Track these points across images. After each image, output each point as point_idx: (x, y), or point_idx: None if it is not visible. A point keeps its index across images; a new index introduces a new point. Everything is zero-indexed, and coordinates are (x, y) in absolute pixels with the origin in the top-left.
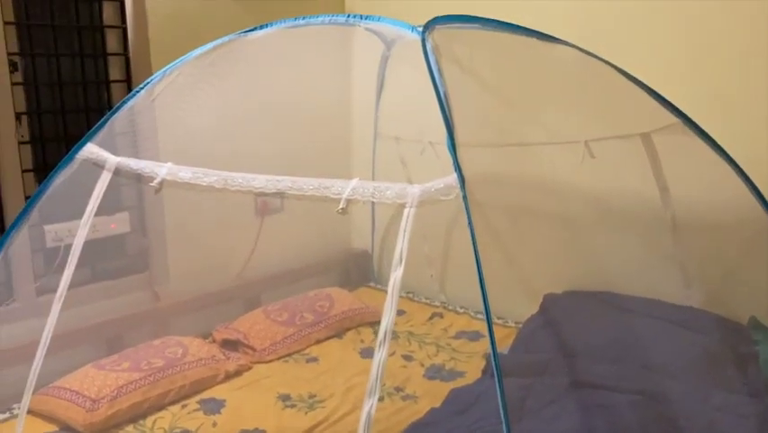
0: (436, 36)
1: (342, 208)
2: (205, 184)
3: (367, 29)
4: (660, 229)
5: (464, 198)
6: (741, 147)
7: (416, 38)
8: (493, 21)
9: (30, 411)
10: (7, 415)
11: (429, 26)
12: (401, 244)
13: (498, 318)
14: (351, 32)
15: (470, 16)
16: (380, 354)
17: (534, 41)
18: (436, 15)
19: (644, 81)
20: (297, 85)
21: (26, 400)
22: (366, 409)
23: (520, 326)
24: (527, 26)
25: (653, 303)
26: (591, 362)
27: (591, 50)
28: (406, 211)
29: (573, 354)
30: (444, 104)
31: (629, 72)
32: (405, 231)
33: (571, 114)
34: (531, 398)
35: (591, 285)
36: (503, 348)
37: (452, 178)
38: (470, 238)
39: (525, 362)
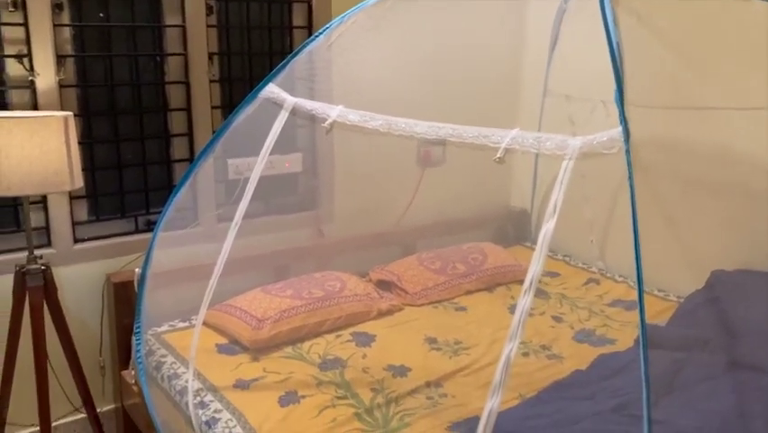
0: None
1: (499, 157)
2: (370, 127)
3: None
4: None
5: (627, 152)
6: None
7: None
8: None
9: (205, 323)
10: (186, 324)
11: None
12: (556, 196)
13: (659, 291)
14: None
15: None
16: (525, 301)
17: None
18: None
19: None
20: (470, 35)
21: (202, 314)
22: (506, 351)
23: (682, 300)
24: None
25: None
26: (756, 344)
27: None
28: (564, 163)
29: (736, 335)
30: (616, 54)
31: None
32: (561, 182)
33: (763, 77)
34: (684, 372)
35: (767, 266)
36: (661, 321)
37: (616, 131)
38: (630, 197)
39: (683, 335)
